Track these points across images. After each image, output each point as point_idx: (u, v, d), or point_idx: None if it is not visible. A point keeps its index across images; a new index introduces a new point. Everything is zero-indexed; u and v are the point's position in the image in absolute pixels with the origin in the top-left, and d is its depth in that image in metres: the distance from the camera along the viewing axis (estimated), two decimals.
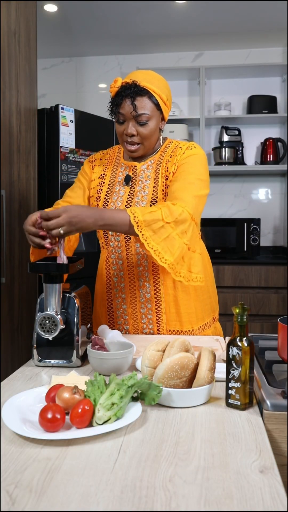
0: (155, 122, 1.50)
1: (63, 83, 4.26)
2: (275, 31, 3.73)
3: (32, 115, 2.62)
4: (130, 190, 1.55)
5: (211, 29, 3.70)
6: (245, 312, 0.98)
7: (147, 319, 1.57)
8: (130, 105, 1.45)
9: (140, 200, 1.52)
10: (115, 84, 1.49)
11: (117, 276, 1.59)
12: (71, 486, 0.69)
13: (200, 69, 3.78)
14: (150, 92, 1.47)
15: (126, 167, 1.60)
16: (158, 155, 1.58)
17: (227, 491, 0.68)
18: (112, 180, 1.60)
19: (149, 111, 1.47)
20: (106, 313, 1.64)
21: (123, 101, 1.46)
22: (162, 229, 1.33)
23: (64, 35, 3.84)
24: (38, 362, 1.26)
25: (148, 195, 1.52)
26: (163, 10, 3.40)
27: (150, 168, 1.56)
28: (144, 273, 1.55)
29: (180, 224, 1.36)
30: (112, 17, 3.50)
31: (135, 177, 1.56)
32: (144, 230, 1.31)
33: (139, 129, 1.48)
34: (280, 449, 0.92)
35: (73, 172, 2.91)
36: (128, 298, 1.58)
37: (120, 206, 1.54)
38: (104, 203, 1.57)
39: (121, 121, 1.50)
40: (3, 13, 2.36)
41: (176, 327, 1.57)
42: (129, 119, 1.48)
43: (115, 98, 1.49)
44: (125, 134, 1.50)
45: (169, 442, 0.83)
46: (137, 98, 1.45)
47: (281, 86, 4.00)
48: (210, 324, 1.65)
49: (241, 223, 3.61)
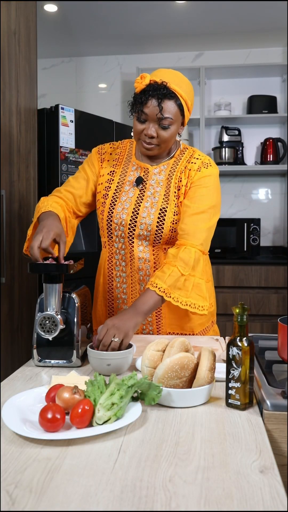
0: (176, 127, 1.46)
1: (63, 83, 4.26)
2: (275, 31, 3.73)
3: (32, 115, 2.62)
4: (139, 193, 1.53)
5: (211, 29, 3.70)
6: (245, 312, 0.98)
7: (147, 321, 1.57)
8: (157, 106, 1.40)
9: (149, 206, 1.50)
10: (142, 80, 1.43)
11: (119, 277, 1.58)
12: (71, 486, 0.69)
13: (200, 69, 3.78)
14: (177, 96, 1.42)
15: (138, 167, 1.57)
16: (172, 160, 1.55)
17: (227, 491, 0.68)
18: (122, 178, 1.57)
19: (173, 115, 1.43)
20: (106, 312, 1.63)
21: (149, 100, 1.40)
22: (186, 282, 1.39)
23: (64, 35, 3.84)
24: (38, 362, 1.26)
25: (158, 202, 1.50)
26: (163, 10, 3.40)
27: (163, 174, 1.54)
28: (145, 278, 1.54)
29: (197, 266, 1.41)
30: (112, 17, 3.50)
31: (146, 180, 1.54)
32: (173, 293, 1.36)
33: (160, 132, 1.44)
34: (280, 449, 0.92)
35: (73, 172, 2.91)
36: (129, 299, 1.58)
37: (129, 207, 1.52)
38: (112, 201, 1.54)
39: (142, 120, 1.44)
40: (3, 13, 2.36)
41: (176, 330, 1.57)
42: (152, 120, 1.43)
43: (140, 95, 1.43)
44: (144, 134, 1.45)
45: (169, 442, 0.83)
46: (164, 101, 1.40)
47: (281, 86, 4.00)
48: (209, 328, 1.65)
49: (241, 223, 3.61)
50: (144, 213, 1.50)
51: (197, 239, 1.43)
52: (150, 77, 1.43)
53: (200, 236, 1.44)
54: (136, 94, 1.45)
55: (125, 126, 3.38)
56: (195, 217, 1.45)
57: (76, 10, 3.42)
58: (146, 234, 1.50)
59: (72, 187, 1.59)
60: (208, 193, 1.49)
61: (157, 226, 1.48)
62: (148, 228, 1.49)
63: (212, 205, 1.49)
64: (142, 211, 1.50)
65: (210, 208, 1.48)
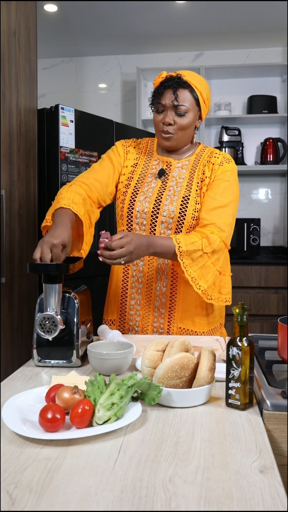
0: (192, 116, 1.54)
1: (63, 83, 4.26)
2: (275, 31, 3.73)
3: (32, 115, 2.62)
4: (162, 184, 1.58)
5: (211, 29, 3.70)
6: (245, 312, 0.98)
7: (159, 313, 1.58)
8: (172, 95, 1.50)
9: (172, 194, 1.55)
10: (159, 76, 1.55)
11: (136, 265, 1.60)
12: (71, 486, 0.69)
13: (200, 69, 3.77)
14: (192, 87, 1.52)
15: (160, 161, 1.63)
16: (193, 157, 1.61)
17: (227, 491, 0.68)
18: (144, 170, 1.62)
19: (188, 104, 1.52)
20: (119, 301, 1.64)
21: (165, 91, 1.52)
22: (200, 258, 1.44)
23: (64, 35, 3.84)
24: (38, 362, 1.26)
25: (181, 191, 1.55)
26: (163, 10, 3.40)
27: (185, 168, 1.59)
28: (163, 267, 1.57)
29: (216, 253, 1.47)
30: (112, 17, 3.50)
31: (169, 173, 1.59)
32: (185, 258, 1.42)
33: (177, 119, 1.52)
34: (280, 449, 0.92)
35: (73, 172, 2.91)
36: (143, 289, 1.59)
37: (151, 197, 1.56)
38: (133, 191, 1.58)
39: (160, 111, 1.54)
40: (3, 13, 2.36)
41: (187, 326, 1.58)
42: (169, 109, 1.52)
43: (157, 88, 1.54)
44: (162, 123, 1.54)
45: (169, 442, 0.83)
46: (179, 89, 1.50)
47: (281, 86, 4.00)
48: (217, 329, 1.66)
49: (241, 223, 3.61)
50: (167, 201, 1.55)
51: (222, 231, 1.49)
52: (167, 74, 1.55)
53: (225, 229, 1.50)
54: (154, 90, 1.55)
55: (125, 126, 3.38)
56: (220, 210, 1.51)
57: (76, 10, 3.42)
58: (169, 221, 1.54)
59: (100, 175, 1.60)
60: (231, 187, 1.55)
61: (179, 213, 1.53)
62: (171, 214, 1.53)
63: (234, 198, 1.55)
64: (165, 199, 1.55)
65: (232, 202, 1.54)
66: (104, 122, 3.19)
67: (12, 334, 2.45)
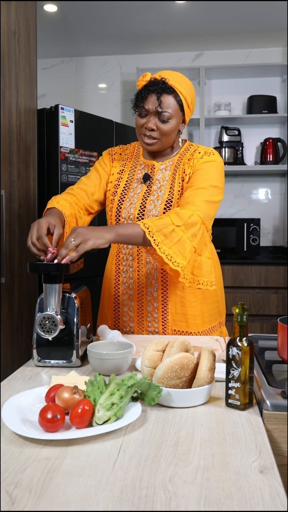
0: (176, 121, 1.51)
1: (63, 83, 4.26)
2: (275, 31, 3.73)
3: (32, 115, 2.62)
4: (147, 189, 1.57)
5: (211, 29, 3.70)
6: (245, 312, 0.98)
7: (153, 318, 1.58)
8: (156, 100, 1.46)
9: (155, 199, 1.54)
10: (143, 78, 1.51)
11: (126, 272, 1.60)
12: (71, 486, 0.69)
13: (200, 69, 3.77)
14: (177, 92, 1.48)
15: (145, 165, 1.62)
16: (177, 157, 1.59)
17: (227, 491, 0.68)
18: (130, 177, 1.62)
19: (172, 110, 1.48)
20: (112, 308, 1.65)
21: (149, 95, 1.48)
22: (173, 233, 1.34)
23: (64, 35, 3.83)
24: (38, 362, 1.26)
25: (164, 195, 1.54)
26: (163, 10, 3.40)
27: (168, 169, 1.58)
28: (153, 272, 1.56)
29: (191, 227, 1.37)
30: (112, 17, 3.50)
31: (153, 176, 1.59)
32: (156, 235, 1.32)
33: (160, 125, 1.49)
34: (280, 449, 0.92)
35: (73, 172, 2.91)
36: (135, 295, 1.59)
37: (136, 202, 1.56)
38: (120, 198, 1.59)
39: (143, 115, 1.51)
40: (3, 13, 2.36)
41: (181, 328, 1.57)
42: (152, 114, 1.49)
43: (141, 91, 1.50)
44: (144, 127, 1.51)
45: (169, 442, 0.83)
46: (163, 95, 1.46)
47: (281, 86, 4.00)
48: (216, 328, 1.65)
49: (241, 223, 3.61)
50: (150, 206, 1.54)
51: (196, 206, 1.41)
52: (152, 76, 1.50)
53: (199, 205, 1.41)
54: (138, 92, 1.52)
55: (125, 126, 3.38)
56: (195, 191, 1.45)
57: (76, 10, 3.42)
58: None
59: (85, 184, 1.63)
60: (209, 174, 1.49)
61: None
62: None
63: (213, 184, 1.48)
64: (149, 204, 1.54)
65: (211, 186, 1.47)
66: (104, 122, 3.19)
67: (12, 334, 2.45)
